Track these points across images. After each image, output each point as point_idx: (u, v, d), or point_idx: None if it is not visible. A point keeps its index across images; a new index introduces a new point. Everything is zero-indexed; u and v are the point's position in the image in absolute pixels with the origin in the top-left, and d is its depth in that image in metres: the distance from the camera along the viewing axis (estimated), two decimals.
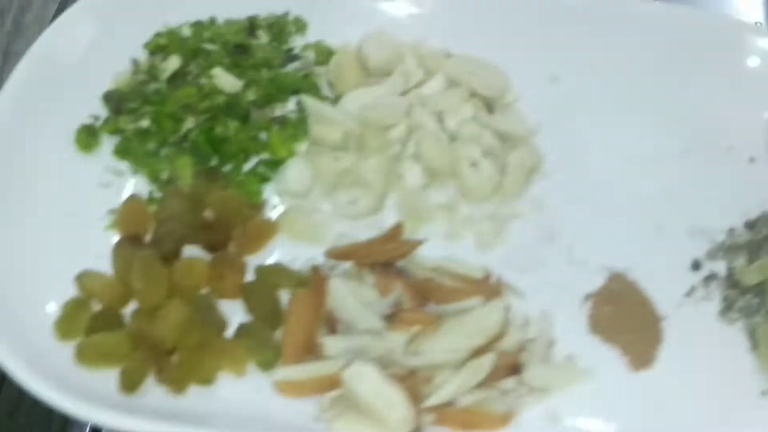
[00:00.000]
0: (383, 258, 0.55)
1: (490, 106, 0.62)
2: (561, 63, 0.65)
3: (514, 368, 0.51)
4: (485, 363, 0.50)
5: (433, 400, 0.49)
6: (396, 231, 0.56)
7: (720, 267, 0.58)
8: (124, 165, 0.59)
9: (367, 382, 0.49)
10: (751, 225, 0.59)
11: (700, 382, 0.54)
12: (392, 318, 0.52)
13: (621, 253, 0.58)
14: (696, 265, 0.58)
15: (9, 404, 0.74)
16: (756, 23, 0.74)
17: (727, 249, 0.58)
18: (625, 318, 0.56)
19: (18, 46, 0.73)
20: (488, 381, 0.51)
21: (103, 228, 0.56)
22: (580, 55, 0.65)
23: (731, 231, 0.59)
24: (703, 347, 0.55)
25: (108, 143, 0.60)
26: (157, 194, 0.58)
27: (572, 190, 0.61)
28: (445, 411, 0.50)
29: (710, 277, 0.57)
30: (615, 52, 0.65)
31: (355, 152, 0.59)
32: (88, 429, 0.67)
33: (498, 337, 0.52)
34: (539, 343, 0.54)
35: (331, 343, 0.51)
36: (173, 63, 0.61)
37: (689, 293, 0.57)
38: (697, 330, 0.56)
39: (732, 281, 0.57)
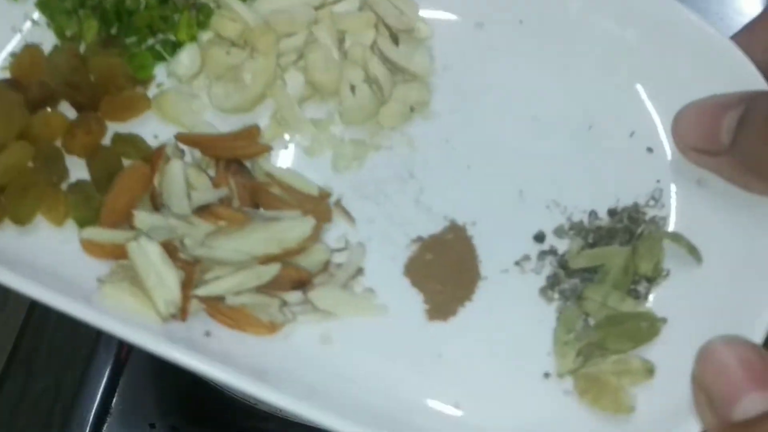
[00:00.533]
0: (228, 154, 0.57)
1: (395, 37, 0.61)
2: (491, 10, 0.63)
3: (299, 283, 0.53)
4: (267, 271, 0.52)
5: (201, 291, 0.51)
6: (250, 132, 0.58)
7: (563, 246, 0.57)
8: (42, 19, 0.63)
9: (147, 257, 0.51)
10: (613, 212, 0.57)
11: (489, 352, 0.54)
12: (204, 209, 0.54)
13: (470, 206, 0.58)
14: (539, 237, 0.57)
15: (9, 404, 0.82)
16: None
17: (577, 230, 0.57)
18: (442, 268, 0.56)
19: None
20: (270, 289, 0.52)
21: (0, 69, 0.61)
22: (513, 6, 0.63)
23: (592, 213, 0.58)
24: (509, 317, 0.55)
25: None
26: None
27: (450, 137, 0.60)
28: (215, 304, 0.52)
29: (547, 252, 0.56)
30: (548, 13, 0.63)
31: (246, 52, 0.60)
32: (88, 429, 0.78)
33: (296, 251, 0.53)
34: (344, 269, 0.55)
35: (140, 217, 0.54)
36: None
37: (519, 261, 0.56)
38: (511, 299, 0.55)
39: (562, 261, 0.55)
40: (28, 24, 0.63)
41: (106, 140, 0.58)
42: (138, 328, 0.49)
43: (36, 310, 0.89)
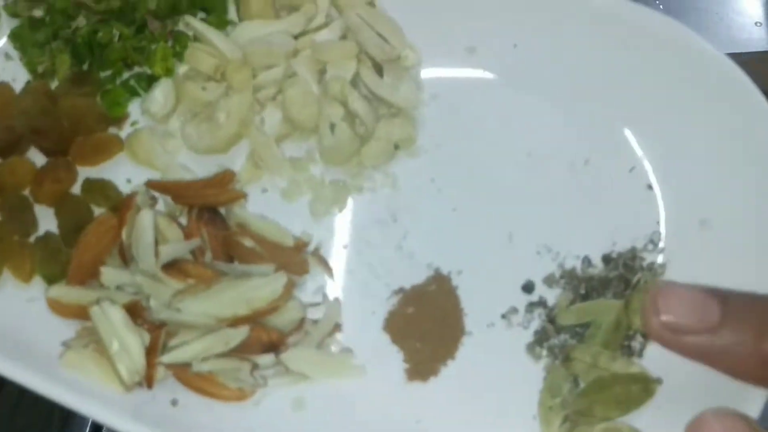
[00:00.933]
0: (200, 201, 0.55)
1: (379, 67, 0.58)
2: (483, 34, 0.59)
3: (270, 346, 0.50)
4: (235, 335, 0.50)
5: (166, 359, 0.49)
6: (223, 177, 0.55)
7: (553, 296, 0.54)
8: (14, 51, 0.60)
9: (110, 323, 0.49)
10: (607, 259, 0.54)
11: (471, 416, 0.51)
12: (172, 265, 0.52)
13: (456, 253, 0.55)
14: (528, 287, 0.54)
15: (9, 404, 0.78)
16: (756, 23, 0.64)
17: (569, 278, 0.53)
18: (423, 324, 0.53)
19: None
20: (239, 352, 0.50)
21: None
22: (505, 31, 0.59)
23: (586, 260, 0.54)
24: (493, 378, 0.52)
25: (6, 25, 0.61)
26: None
27: (436, 176, 0.57)
28: (181, 371, 0.50)
29: (536, 304, 0.53)
30: (545, 36, 0.59)
31: (222, 87, 0.57)
32: (88, 429, 0.74)
33: (267, 311, 0.51)
34: (320, 327, 0.52)
35: (107, 274, 0.52)
36: None
37: (506, 314, 0.53)
38: (496, 357, 0.52)
39: (551, 315, 0.52)
40: (1, 59, 0.60)
41: (77, 187, 0.56)
42: (99, 402, 0.47)
43: None
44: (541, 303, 0.53)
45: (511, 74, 0.59)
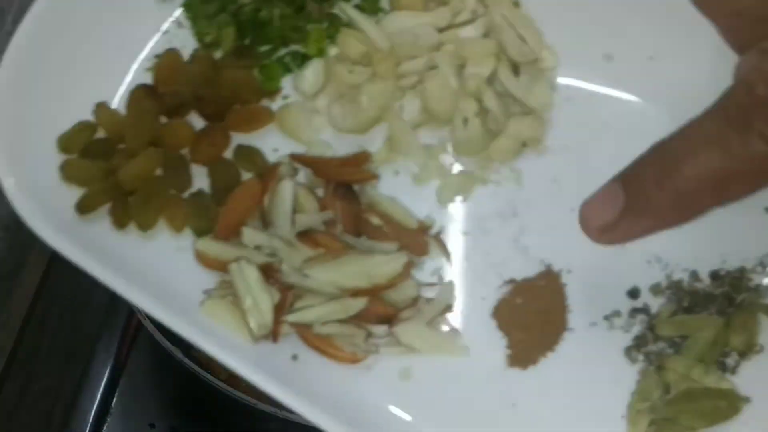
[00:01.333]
0: (335, 177, 0.59)
1: (516, 67, 0.61)
2: (621, 43, 0.62)
3: (385, 318, 0.55)
4: (354, 305, 0.55)
5: (291, 318, 0.55)
6: (359, 157, 0.60)
7: (657, 305, 0.56)
8: (186, 20, 0.66)
9: (245, 280, 0.55)
10: (715, 275, 0.56)
11: (563, 407, 0.54)
12: (306, 234, 0.57)
13: (569, 252, 0.58)
14: (634, 293, 0.57)
15: (9, 404, 0.83)
16: None
17: (674, 290, 0.56)
18: (530, 314, 0.57)
19: None
20: (356, 320, 0.55)
21: (144, 69, 0.65)
22: (643, 42, 0.61)
23: (693, 274, 0.56)
24: (589, 374, 0.55)
25: None
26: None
27: (559, 177, 0.60)
28: (304, 330, 0.55)
29: (639, 310, 0.56)
30: (678, 50, 0.60)
31: (368, 71, 0.62)
32: (88, 429, 0.82)
33: (385, 286, 0.55)
34: (432, 306, 0.57)
35: (248, 234, 0.57)
36: None
37: (609, 316, 0.56)
38: (594, 355, 0.56)
39: (652, 323, 0.55)
40: (174, 26, 0.66)
41: (230, 151, 0.61)
42: (228, 348, 0.53)
43: (36, 310, 0.89)
44: (645, 310, 0.56)
45: (645, 86, 0.61)
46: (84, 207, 0.59)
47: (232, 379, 0.77)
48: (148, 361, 0.92)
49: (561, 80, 0.62)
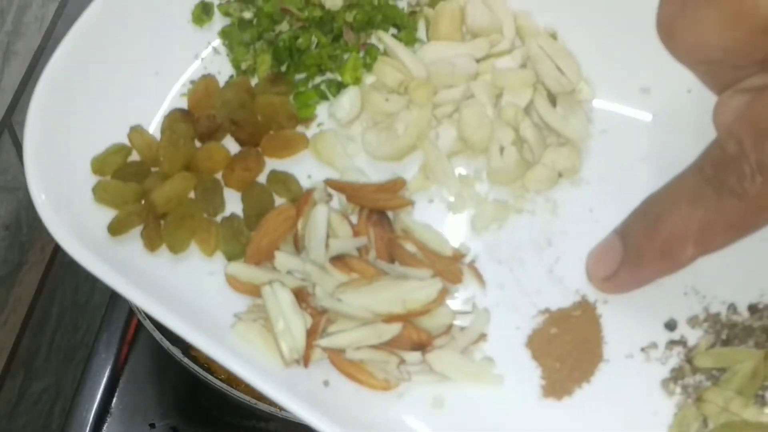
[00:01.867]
0: (370, 204, 0.59)
1: (553, 98, 0.61)
2: (659, 76, 0.62)
3: (418, 345, 0.54)
4: (388, 331, 0.54)
5: (324, 343, 0.54)
6: (394, 184, 0.59)
7: (694, 338, 0.55)
8: (222, 47, 0.67)
9: (278, 303, 0.54)
10: (753, 309, 0.55)
11: None
12: (339, 258, 0.56)
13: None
14: (671, 325, 0.56)
15: (9, 404, 0.83)
16: None
17: (712, 322, 0.55)
18: (565, 345, 0.56)
19: (18, 46, 0.73)
20: (389, 346, 0.54)
21: (179, 94, 0.65)
22: (680, 75, 0.61)
23: (731, 307, 0.56)
24: (625, 406, 0.54)
25: (219, 23, 0.67)
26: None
27: (594, 207, 0.60)
28: (336, 355, 0.54)
29: (676, 342, 0.55)
30: None
31: (404, 100, 0.62)
32: (88, 429, 0.80)
33: (419, 313, 0.55)
34: (466, 334, 0.56)
35: (281, 258, 0.57)
36: None
37: (645, 348, 0.55)
38: (630, 387, 0.55)
39: (690, 355, 0.54)
40: (210, 52, 0.67)
41: (263, 176, 0.61)
42: (260, 372, 0.52)
43: (36, 310, 0.89)
44: (682, 342, 0.55)
45: (682, 119, 0.61)
46: (115, 228, 0.59)
47: (232, 379, 0.78)
48: (148, 361, 0.92)
49: (597, 112, 0.62)
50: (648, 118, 0.62)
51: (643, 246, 0.50)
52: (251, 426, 0.87)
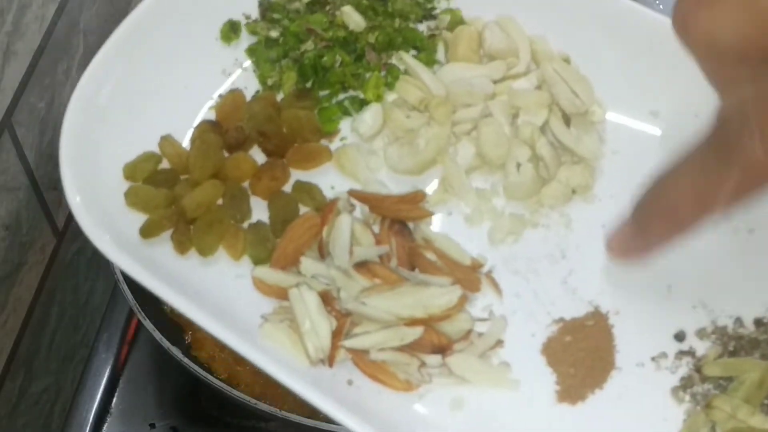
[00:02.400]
0: (393, 214, 0.61)
1: (567, 118, 0.64)
2: (667, 100, 0.65)
3: (439, 348, 0.57)
4: (410, 333, 0.56)
5: (348, 343, 0.56)
6: (416, 196, 0.62)
7: (702, 349, 0.58)
8: (248, 63, 0.69)
9: (305, 305, 0.56)
10: (759, 322, 0.58)
11: None
12: (363, 264, 0.59)
13: (616, 295, 0.60)
14: (680, 336, 0.58)
15: (9, 404, 0.81)
16: None
17: (719, 334, 0.58)
18: (579, 352, 0.58)
19: (18, 46, 0.73)
20: (411, 349, 0.57)
21: (208, 107, 0.68)
22: (689, 100, 0.64)
23: (738, 320, 0.58)
24: (636, 412, 0.56)
25: (245, 41, 0.70)
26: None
27: (607, 223, 0.61)
28: (359, 356, 0.57)
29: (685, 353, 0.57)
30: None
31: (424, 117, 0.65)
32: (88, 429, 0.81)
33: (440, 318, 0.57)
34: (484, 339, 0.58)
35: (306, 263, 0.59)
36: None
37: (656, 357, 0.58)
38: (641, 394, 0.57)
39: (699, 365, 0.57)
40: (237, 69, 0.69)
41: (288, 186, 0.64)
42: (288, 369, 0.54)
43: (36, 310, 0.88)
44: (690, 353, 0.57)
45: (690, 142, 0.64)
46: (147, 231, 0.60)
47: (232, 379, 0.78)
48: (148, 361, 0.92)
49: (609, 132, 0.65)
50: (656, 139, 0.65)
51: (649, 210, 0.52)
52: (251, 426, 0.86)
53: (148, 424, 0.87)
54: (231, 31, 0.69)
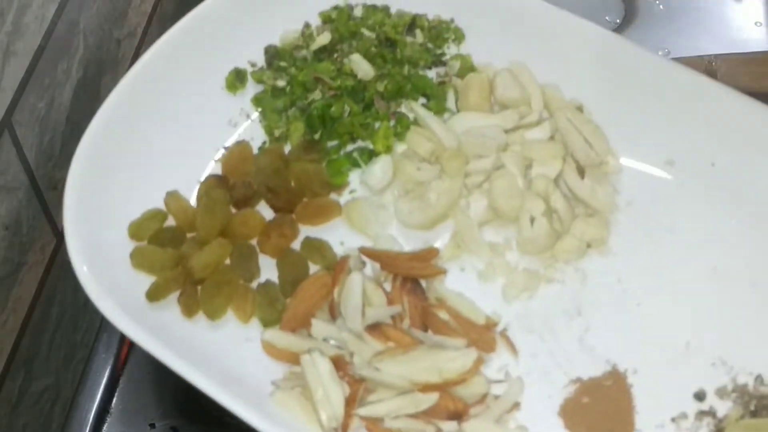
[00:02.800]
0: (405, 272, 0.60)
1: (581, 170, 0.63)
2: (684, 149, 0.64)
3: (455, 415, 0.55)
4: (426, 400, 0.55)
5: (363, 412, 0.55)
6: (428, 254, 0.61)
7: (723, 408, 0.56)
8: (255, 113, 0.68)
9: (317, 372, 0.55)
10: None
11: None
12: (375, 327, 0.58)
13: (634, 352, 0.59)
14: (700, 396, 0.57)
15: (9, 404, 0.80)
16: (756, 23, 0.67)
17: (740, 393, 0.56)
18: (598, 415, 0.57)
19: (18, 46, 0.73)
20: (426, 416, 0.55)
21: (214, 159, 0.67)
22: (704, 148, 0.63)
23: (759, 378, 0.57)
24: None
25: (252, 89, 0.69)
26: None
27: (623, 277, 0.61)
28: (374, 424, 0.55)
29: (706, 413, 0.56)
30: (743, 158, 0.62)
31: (435, 169, 0.63)
32: (88, 429, 0.78)
33: (455, 382, 0.56)
34: (500, 403, 0.57)
35: (317, 326, 0.58)
36: (323, 39, 0.68)
37: (676, 418, 0.56)
38: None
39: (720, 426, 0.55)
40: (243, 119, 0.68)
41: (297, 243, 0.62)
42: None
43: (36, 310, 0.87)
44: (711, 413, 0.56)
45: (706, 190, 0.63)
46: (154, 294, 0.59)
47: None
48: (148, 361, 0.83)
49: (624, 184, 0.64)
50: (672, 189, 0.63)
51: None
52: (251, 426, 0.85)
53: (148, 424, 0.83)
54: (237, 79, 0.68)
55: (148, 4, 1.01)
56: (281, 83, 0.68)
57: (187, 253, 0.61)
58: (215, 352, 0.58)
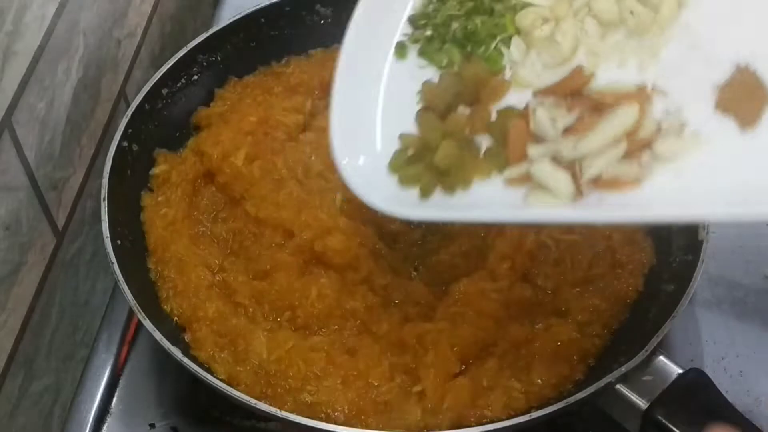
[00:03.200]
0: (570, 89, 0.85)
1: None
2: None
3: (646, 144, 0.77)
4: (621, 146, 0.78)
5: (587, 175, 0.78)
6: (576, 71, 0.85)
7: None
8: (424, 62, 0.96)
9: (544, 170, 0.80)
10: None
11: None
12: (569, 127, 0.82)
13: (751, 44, 0.73)
14: None
15: (9, 404, 0.80)
16: None
17: None
18: (740, 90, 0.76)
19: (18, 46, 0.72)
20: (627, 156, 0.79)
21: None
22: None
23: None
24: None
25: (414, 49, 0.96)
26: None
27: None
28: (596, 180, 0.79)
29: None
30: None
31: (551, 24, 0.88)
32: (88, 429, 0.84)
33: (636, 128, 0.79)
34: (673, 127, 0.80)
35: (533, 149, 0.82)
36: None
37: None
38: None
39: None
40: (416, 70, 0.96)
41: None
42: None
43: (36, 310, 0.85)
44: None
45: None
46: (425, 193, 0.86)
47: (232, 379, 0.83)
48: (148, 361, 0.91)
49: None
50: None
51: None
52: (251, 426, 0.88)
53: (148, 424, 0.88)
54: (401, 48, 0.96)
55: (148, 4, 1.03)
56: (428, 32, 0.94)
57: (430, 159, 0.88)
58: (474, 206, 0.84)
